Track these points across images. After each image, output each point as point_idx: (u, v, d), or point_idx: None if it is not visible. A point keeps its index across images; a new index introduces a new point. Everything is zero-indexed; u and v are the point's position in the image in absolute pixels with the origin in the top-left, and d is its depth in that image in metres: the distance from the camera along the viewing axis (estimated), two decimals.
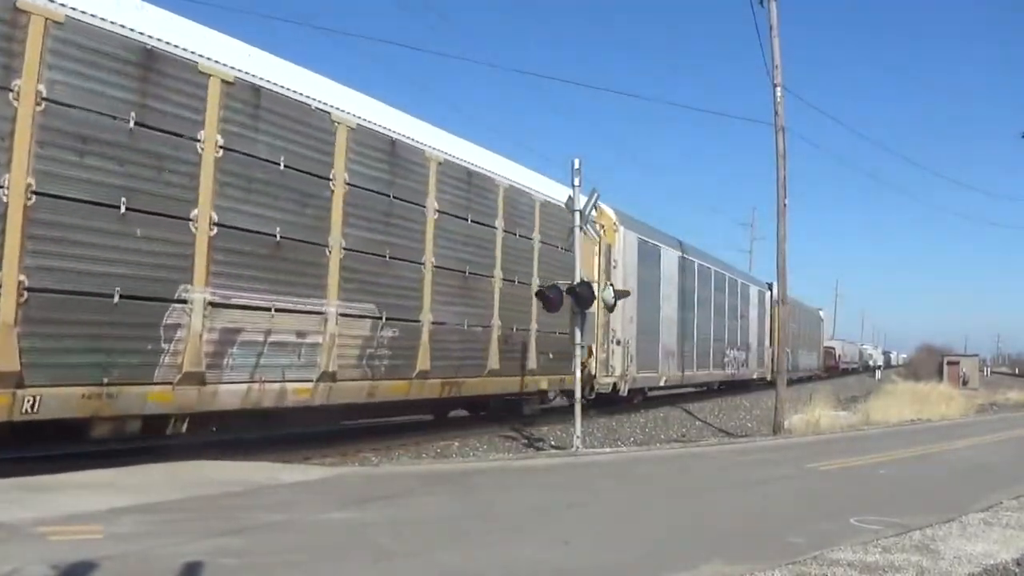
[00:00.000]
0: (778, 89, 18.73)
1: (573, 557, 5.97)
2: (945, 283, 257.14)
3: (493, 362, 14.70)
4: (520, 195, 15.90)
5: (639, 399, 22.96)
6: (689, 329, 26.26)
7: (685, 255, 25.96)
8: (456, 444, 13.85)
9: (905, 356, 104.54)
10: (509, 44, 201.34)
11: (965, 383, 41.10)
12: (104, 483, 7.77)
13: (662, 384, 23.73)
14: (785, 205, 18.83)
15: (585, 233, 15.97)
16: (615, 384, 19.64)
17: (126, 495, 7.18)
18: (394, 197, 12.15)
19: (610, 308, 17.16)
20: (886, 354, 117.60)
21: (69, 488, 7.37)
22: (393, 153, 12.21)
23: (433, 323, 13.02)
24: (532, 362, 16.01)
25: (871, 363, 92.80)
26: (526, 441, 14.97)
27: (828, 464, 11.81)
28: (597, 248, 18.67)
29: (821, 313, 59.85)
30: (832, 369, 63.42)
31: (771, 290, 38.35)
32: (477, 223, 14.34)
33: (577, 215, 13.24)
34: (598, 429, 17.53)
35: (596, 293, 15.47)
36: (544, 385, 16.61)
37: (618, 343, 19.60)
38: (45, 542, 5.52)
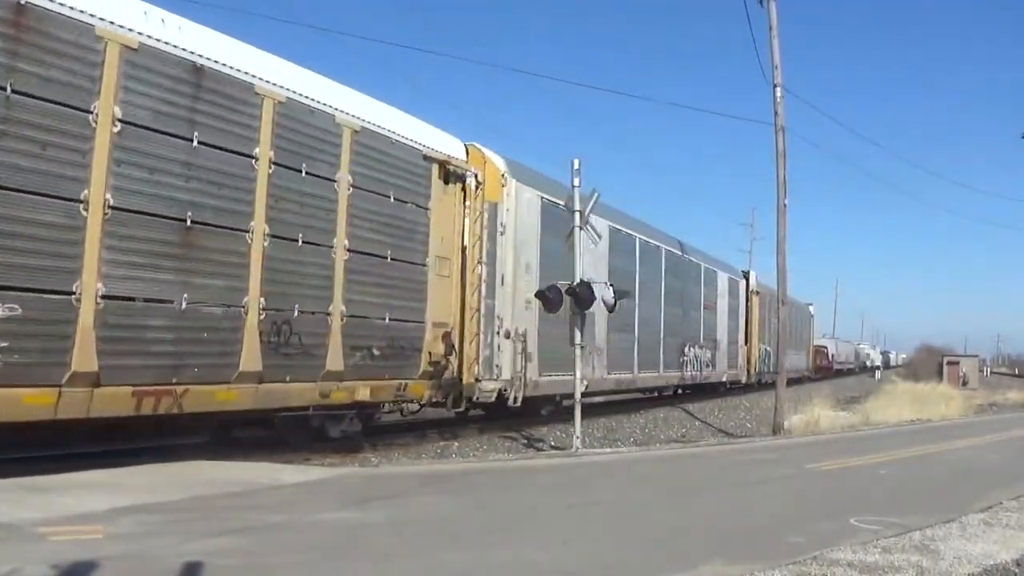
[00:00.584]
0: (778, 89, 18.76)
1: (573, 557, 5.98)
2: (945, 283, 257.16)
3: (251, 361, 9.82)
4: (308, 115, 10.70)
5: (548, 410, 17.70)
6: (627, 320, 20.95)
7: (620, 227, 20.82)
8: (456, 444, 13.86)
9: (905, 356, 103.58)
10: (509, 44, 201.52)
11: (965, 383, 41.11)
12: (104, 483, 7.78)
13: (583, 390, 19.24)
14: (785, 205, 18.86)
15: (457, 184, 13.43)
16: (501, 391, 14.60)
17: (126, 495, 7.19)
18: (15, 92, 7.65)
19: (610, 309, 15.44)
20: (885, 354, 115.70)
21: (69, 488, 7.38)
22: (17, 24, 7.74)
23: (106, 297, 8.37)
24: (336, 361, 11.03)
25: (869, 363, 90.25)
26: (526, 441, 14.98)
27: (828, 464, 11.81)
28: (466, 206, 13.98)
29: (811, 308, 54.81)
30: (824, 370, 59.52)
31: (747, 279, 34.78)
32: (214, 148, 9.43)
33: (577, 215, 13.19)
34: (598, 429, 17.54)
35: (476, 267, 13.58)
36: (363, 395, 11.57)
37: (507, 336, 14.76)
38: (45, 542, 5.53)
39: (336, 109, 11.22)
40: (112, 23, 8.48)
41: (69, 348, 8.10)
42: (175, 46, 9.08)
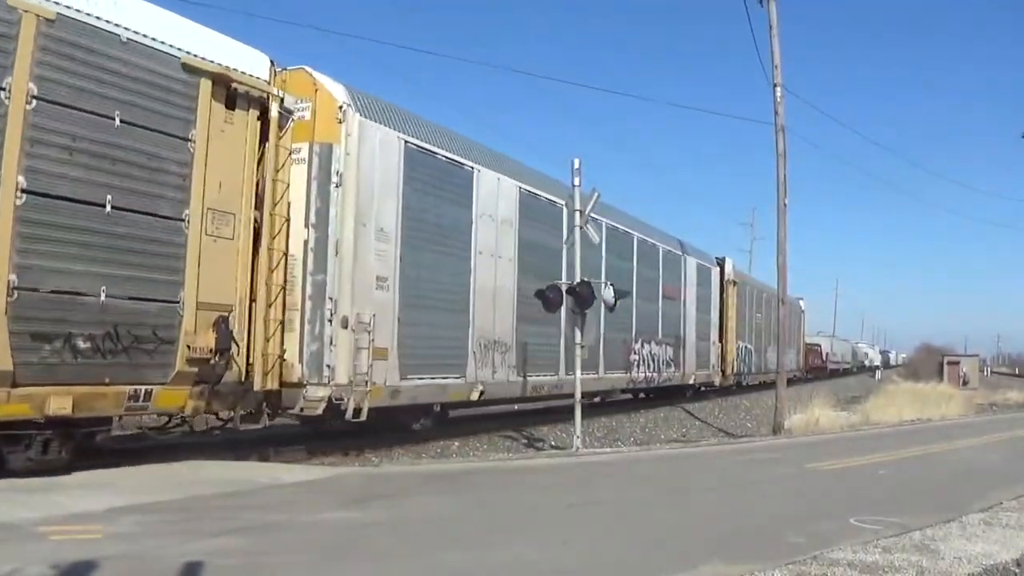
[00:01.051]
0: (778, 89, 18.76)
1: (572, 557, 5.98)
2: (945, 283, 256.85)
3: None
4: None
5: (422, 423, 13.27)
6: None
7: (534, 190, 16.28)
8: (456, 444, 13.86)
9: (905, 356, 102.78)
10: (508, 44, 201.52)
11: (965, 383, 41.10)
12: (104, 483, 7.79)
13: (476, 398, 14.04)
14: (785, 205, 18.87)
15: (252, 112, 9.71)
16: (335, 399, 10.84)
17: (126, 495, 7.20)
18: None
19: (610, 308, 14.78)
20: (884, 353, 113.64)
21: (69, 488, 7.39)
22: None
23: None
24: None
25: (867, 363, 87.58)
26: (526, 441, 14.98)
27: (828, 464, 11.81)
28: (267, 144, 10.21)
29: (802, 303, 50.28)
30: (817, 370, 55.60)
31: (722, 267, 30.22)
32: None
33: (577, 215, 13.17)
34: (599, 429, 17.55)
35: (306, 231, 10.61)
36: (60, 407, 7.82)
37: (345, 325, 11.00)
38: (45, 542, 5.53)
39: None
40: None
41: None
42: None
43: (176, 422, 9.80)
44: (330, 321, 10.99)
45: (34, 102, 7.80)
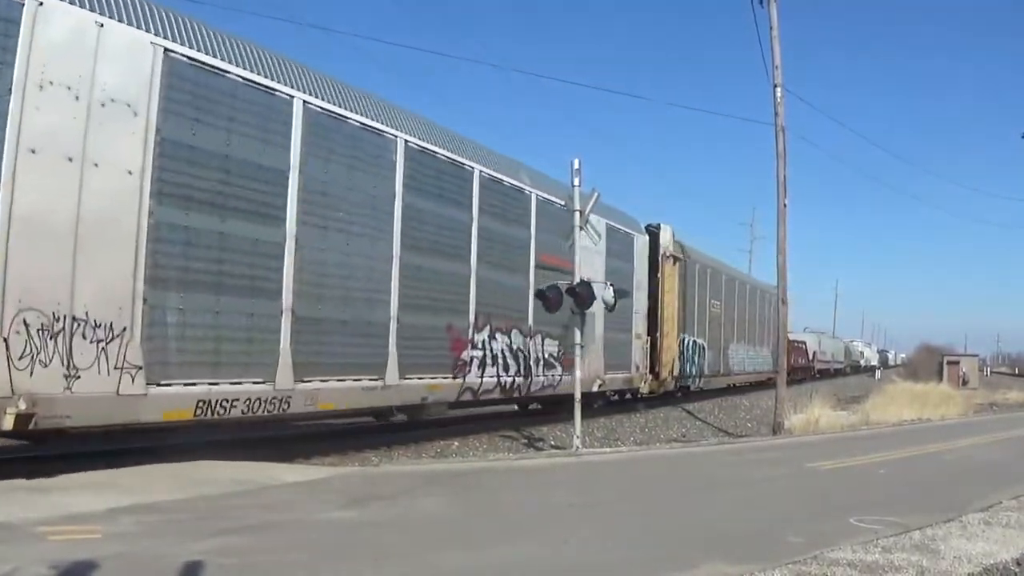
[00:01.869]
0: (778, 89, 18.76)
1: (572, 556, 5.98)
2: (945, 283, 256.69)
3: None
4: None
5: None
6: (248, 271, 9.86)
7: (214, 66, 9.38)
8: (456, 444, 13.87)
9: (904, 355, 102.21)
10: (509, 44, 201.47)
11: (965, 383, 41.17)
12: (104, 483, 7.78)
13: (10, 426, 7.25)
14: (785, 206, 18.85)
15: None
16: None
17: (126, 495, 7.18)
18: None
19: (610, 308, 14.61)
20: (883, 353, 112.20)
21: (69, 488, 7.38)
22: None
23: None
24: None
25: (863, 363, 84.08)
26: (526, 441, 14.98)
27: (828, 464, 11.82)
28: None
29: None
30: (802, 371, 48.99)
31: (656, 236, 22.99)
32: None
33: (577, 215, 13.17)
34: (598, 429, 17.55)
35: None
36: None
37: None
38: (45, 542, 5.53)
39: None
40: None
41: None
42: None
43: None
44: None
45: None
